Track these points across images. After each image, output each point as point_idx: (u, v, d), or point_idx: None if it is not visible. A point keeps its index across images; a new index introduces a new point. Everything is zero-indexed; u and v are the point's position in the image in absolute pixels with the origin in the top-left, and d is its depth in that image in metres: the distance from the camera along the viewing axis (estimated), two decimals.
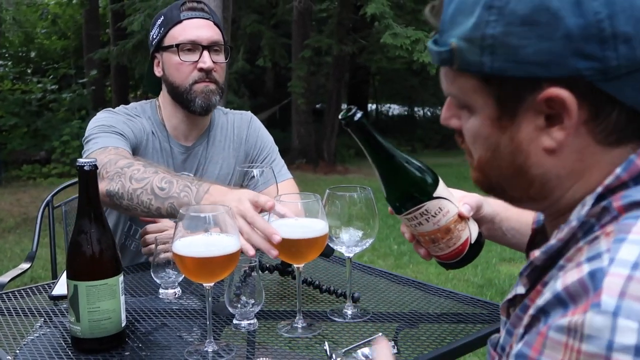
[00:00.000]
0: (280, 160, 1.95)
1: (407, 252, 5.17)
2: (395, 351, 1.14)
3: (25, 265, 2.13)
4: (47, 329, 1.30)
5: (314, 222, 1.23)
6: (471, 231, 1.09)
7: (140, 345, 1.21)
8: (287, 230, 1.20)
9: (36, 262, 2.25)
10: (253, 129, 1.95)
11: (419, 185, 1.03)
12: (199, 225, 1.11)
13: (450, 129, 0.77)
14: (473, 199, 1.13)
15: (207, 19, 1.78)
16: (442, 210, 1.04)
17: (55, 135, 10.11)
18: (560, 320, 0.56)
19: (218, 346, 1.18)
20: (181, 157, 1.84)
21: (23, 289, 1.55)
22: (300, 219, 1.23)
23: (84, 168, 1.15)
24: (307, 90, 10.84)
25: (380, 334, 1.23)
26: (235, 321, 1.29)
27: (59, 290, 1.47)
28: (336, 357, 1.11)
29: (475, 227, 1.11)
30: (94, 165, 1.16)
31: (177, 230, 1.11)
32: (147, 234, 1.68)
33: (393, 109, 20.52)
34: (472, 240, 1.09)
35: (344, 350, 1.15)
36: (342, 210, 1.27)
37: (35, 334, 1.27)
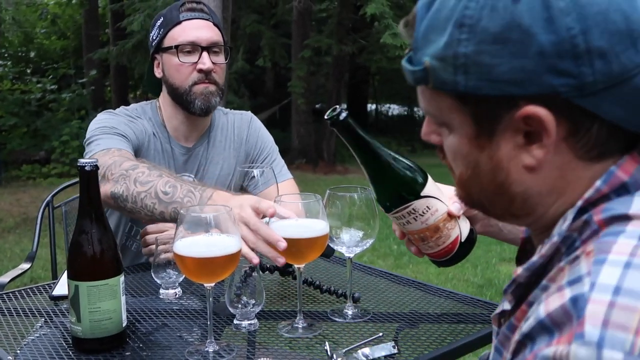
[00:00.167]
0: (280, 161, 1.95)
1: (406, 252, 5.17)
2: (396, 351, 1.15)
3: (26, 266, 2.13)
4: (47, 329, 1.30)
5: (314, 222, 1.23)
6: (461, 229, 1.08)
7: (141, 346, 1.21)
8: (287, 231, 1.20)
9: (36, 263, 2.25)
10: (253, 129, 1.95)
11: (405, 184, 1.03)
12: (200, 226, 1.11)
13: None
14: None
15: (207, 20, 1.77)
16: (430, 209, 1.03)
17: (55, 135, 10.11)
18: (545, 350, 0.54)
19: (219, 346, 1.18)
20: (182, 159, 1.84)
21: (23, 289, 1.55)
22: (301, 219, 1.24)
23: (85, 168, 1.15)
24: (307, 90, 10.84)
25: (381, 333, 1.23)
26: (235, 321, 1.30)
27: (59, 290, 1.47)
28: (337, 357, 1.11)
29: (466, 225, 1.10)
30: (95, 166, 1.16)
31: (178, 230, 1.11)
32: (148, 234, 1.68)
33: (393, 109, 20.52)
34: (462, 239, 1.08)
35: (345, 350, 1.15)
36: (343, 210, 1.27)
37: (36, 334, 1.27)
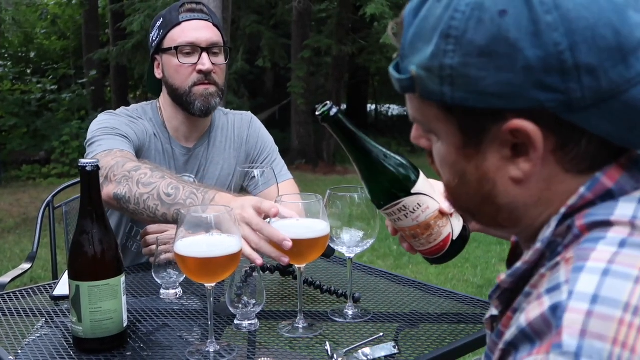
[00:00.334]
0: (280, 161, 1.95)
1: (406, 253, 5.14)
2: (397, 351, 1.15)
3: (26, 266, 2.13)
4: (48, 329, 1.30)
5: (315, 222, 1.23)
6: (453, 227, 1.08)
7: (141, 346, 1.21)
8: (288, 231, 1.20)
9: (36, 263, 2.25)
10: (254, 130, 1.95)
11: (396, 180, 1.03)
12: (201, 226, 1.12)
13: None
14: None
15: (206, 20, 1.77)
16: (420, 206, 1.03)
17: (55, 135, 10.11)
18: (527, 359, 0.54)
19: (219, 346, 1.18)
20: (183, 159, 1.84)
21: (24, 289, 1.55)
22: (302, 219, 1.24)
23: (86, 169, 1.15)
24: (306, 91, 10.84)
25: (382, 334, 1.23)
26: (236, 321, 1.30)
27: (60, 290, 1.47)
28: (337, 357, 1.12)
29: (458, 222, 1.10)
30: (96, 166, 1.16)
31: (179, 230, 1.12)
32: (148, 234, 1.68)
33: (392, 109, 20.50)
34: (454, 237, 1.08)
35: (345, 350, 1.15)
36: (343, 210, 1.27)
37: (37, 334, 1.27)
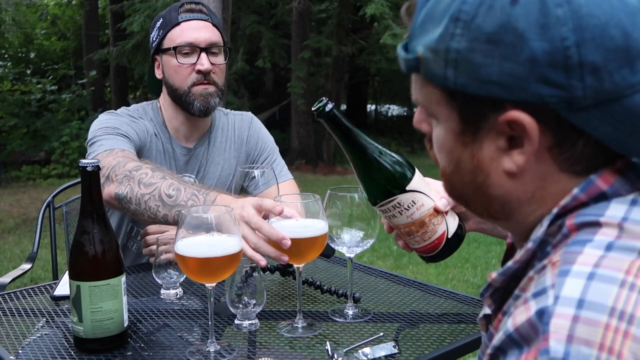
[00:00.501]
0: (281, 161, 1.95)
1: (406, 253, 5.17)
2: (397, 351, 1.15)
3: (27, 266, 2.14)
4: (49, 329, 1.30)
5: (314, 222, 1.23)
6: (448, 225, 1.08)
7: (142, 346, 1.21)
8: (287, 230, 1.21)
9: (36, 263, 2.26)
10: (254, 130, 1.95)
11: (390, 177, 1.03)
12: (201, 226, 1.12)
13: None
14: None
15: (206, 20, 1.77)
16: (415, 203, 1.03)
17: (55, 136, 10.11)
18: None
19: (220, 346, 1.18)
20: (183, 159, 1.84)
21: (25, 289, 1.55)
22: (301, 219, 1.24)
23: (87, 169, 1.16)
24: (306, 91, 10.84)
25: (382, 333, 1.24)
26: (236, 321, 1.30)
27: (60, 290, 1.48)
28: (337, 357, 1.12)
29: (454, 221, 1.10)
30: (97, 166, 1.17)
31: (179, 230, 1.12)
32: (148, 234, 1.68)
33: (392, 109, 20.51)
34: (449, 235, 1.08)
35: (345, 350, 1.15)
36: (343, 210, 1.28)
37: (37, 334, 1.28)
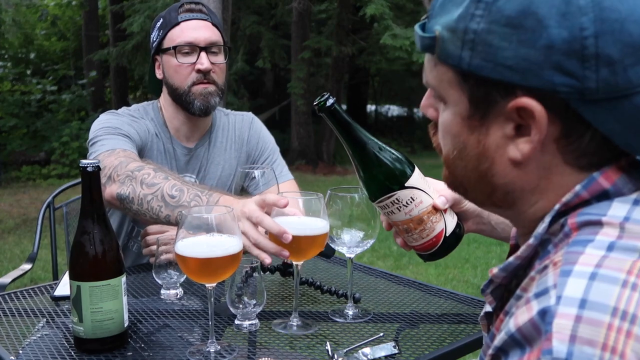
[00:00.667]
0: (281, 161, 1.95)
1: (406, 253, 5.18)
2: (397, 351, 1.15)
3: (27, 266, 2.14)
4: (49, 330, 1.30)
5: (315, 220, 1.23)
6: (447, 224, 1.09)
7: (142, 346, 1.21)
8: (288, 227, 1.20)
9: (35, 263, 2.26)
10: (254, 130, 1.95)
11: (390, 173, 1.04)
12: (201, 226, 1.12)
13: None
14: (450, 191, 1.11)
15: (205, 20, 1.78)
16: (414, 200, 1.04)
17: (55, 136, 10.11)
18: None
19: (220, 346, 1.18)
20: (184, 159, 1.84)
21: (25, 289, 1.55)
22: (302, 217, 1.24)
23: (87, 169, 1.16)
24: (306, 91, 10.85)
25: (382, 334, 1.24)
26: (236, 321, 1.30)
27: (60, 291, 1.48)
28: (338, 357, 1.12)
29: (452, 219, 1.10)
30: (97, 167, 1.17)
31: (180, 231, 1.12)
32: (148, 234, 1.68)
33: (392, 110, 20.53)
34: (447, 233, 1.09)
35: (346, 350, 1.15)
36: (344, 211, 1.28)
37: (38, 335, 1.28)
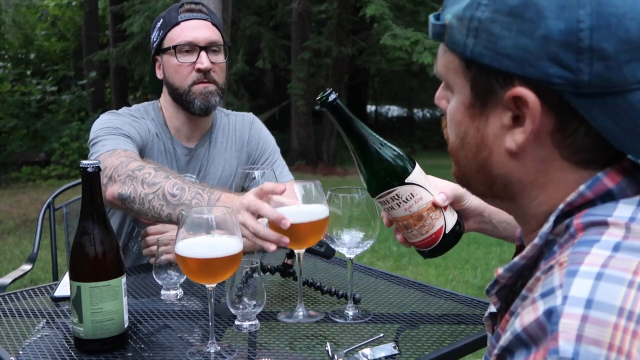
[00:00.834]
0: (281, 162, 1.95)
1: (406, 254, 5.18)
2: (397, 352, 1.15)
3: (27, 267, 2.14)
4: (49, 330, 1.30)
5: (314, 207, 1.23)
6: (446, 221, 1.09)
7: (142, 347, 1.21)
8: (287, 215, 1.19)
9: (35, 264, 2.25)
10: (255, 131, 1.95)
11: (390, 168, 1.04)
12: (201, 227, 1.12)
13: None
14: (451, 188, 1.11)
15: (205, 20, 1.78)
16: (414, 196, 1.04)
17: (55, 136, 10.12)
18: None
19: (220, 347, 1.18)
20: (184, 159, 1.84)
21: (25, 290, 1.55)
22: (301, 205, 1.23)
23: (87, 170, 1.16)
24: (306, 92, 10.85)
25: (382, 334, 1.24)
26: (237, 322, 1.30)
27: (61, 291, 1.48)
28: (338, 357, 1.12)
29: (452, 217, 1.10)
30: (97, 167, 1.17)
31: (180, 231, 1.12)
32: (148, 235, 1.68)
33: (392, 110, 20.54)
34: (446, 230, 1.09)
35: (346, 351, 1.15)
36: (344, 211, 1.28)
37: (38, 335, 1.28)
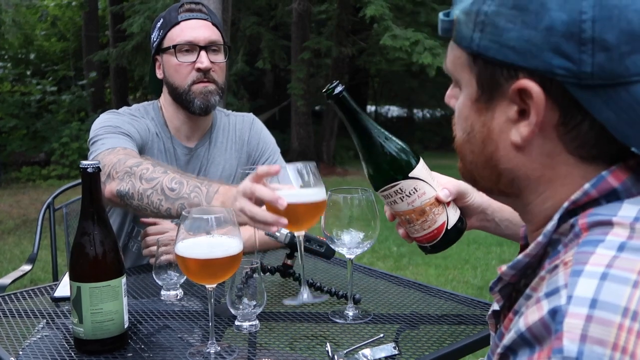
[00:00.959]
0: (282, 162, 1.95)
1: (406, 254, 5.18)
2: (397, 352, 1.15)
3: (27, 267, 2.14)
4: (49, 331, 1.30)
5: (312, 189, 1.21)
6: (449, 217, 1.09)
7: (142, 347, 1.21)
8: (285, 197, 1.18)
9: (35, 264, 2.26)
10: (255, 131, 1.96)
11: (394, 162, 1.05)
12: (201, 227, 1.12)
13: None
14: (454, 185, 1.11)
15: (205, 20, 1.79)
16: (417, 191, 1.05)
17: (55, 137, 10.12)
18: None
19: (220, 347, 1.18)
20: (184, 159, 1.84)
21: (25, 290, 1.55)
22: (298, 189, 1.22)
23: (87, 170, 1.16)
24: (306, 92, 10.85)
25: (382, 335, 1.24)
26: (237, 322, 1.30)
27: (61, 292, 1.48)
28: (338, 358, 1.12)
29: (455, 213, 1.11)
30: (97, 168, 1.17)
31: (180, 232, 1.12)
32: (148, 235, 1.68)
33: (392, 110, 20.55)
34: (448, 226, 1.09)
35: (346, 351, 1.15)
36: (344, 211, 1.27)
37: (38, 336, 1.28)
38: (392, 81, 17.25)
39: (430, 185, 1.07)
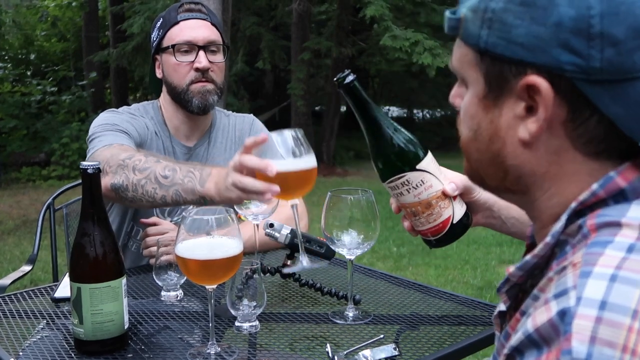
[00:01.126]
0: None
1: (406, 255, 5.18)
2: (397, 353, 1.15)
3: (27, 268, 2.13)
4: (49, 331, 1.30)
5: (300, 157, 1.15)
6: (455, 211, 1.09)
7: (142, 348, 1.21)
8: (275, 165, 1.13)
9: (35, 265, 2.25)
10: (255, 131, 1.96)
11: (402, 153, 1.05)
12: (202, 228, 1.12)
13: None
14: (462, 179, 1.11)
15: (204, 19, 1.80)
16: (424, 183, 1.05)
17: (55, 137, 10.11)
18: None
19: (220, 348, 1.18)
20: (183, 158, 1.85)
21: (25, 291, 1.55)
22: (288, 159, 1.15)
23: (87, 171, 1.16)
24: (306, 93, 10.85)
25: (382, 335, 1.24)
26: (237, 323, 1.30)
27: (61, 292, 1.48)
28: (338, 359, 1.12)
29: (461, 208, 1.11)
30: (97, 168, 1.17)
31: (180, 232, 1.12)
32: (148, 236, 1.68)
33: (392, 111, 20.54)
34: (454, 220, 1.09)
35: (346, 352, 1.15)
36: (344, 212, 1.28)
37: (38, 336, 1.28)
38: (392, 81, 17.24)
39: (438, 178, 1.07)
